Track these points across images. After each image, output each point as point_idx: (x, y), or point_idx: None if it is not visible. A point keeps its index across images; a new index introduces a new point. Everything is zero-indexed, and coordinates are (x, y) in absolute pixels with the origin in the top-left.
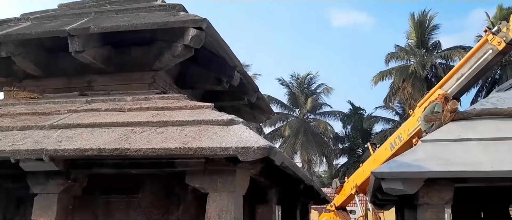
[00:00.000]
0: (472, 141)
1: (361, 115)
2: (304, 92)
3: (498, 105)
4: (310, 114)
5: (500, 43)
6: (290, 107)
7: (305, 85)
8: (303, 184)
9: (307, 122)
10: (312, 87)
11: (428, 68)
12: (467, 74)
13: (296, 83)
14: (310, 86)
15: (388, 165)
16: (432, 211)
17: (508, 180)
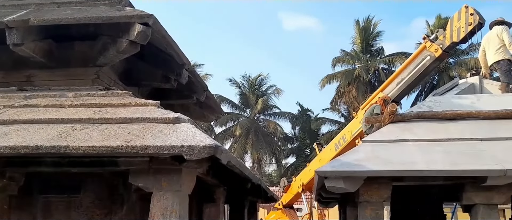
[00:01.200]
0: (409, 142)
1: (309, 116)
2: (255, 93)
3: (434, 108)
4: (261, 114)
5: (437, 50)
6: (241, 108)
7: (256, 86)
8: (250, 183)
9: (258, 122)
10: (263, 88)
11: (372, 73)
12: (407, 79)
13: (247, 84)
14: (261, 87)
15: (331, 164)
16: (371, 209)
17: (440, 179)
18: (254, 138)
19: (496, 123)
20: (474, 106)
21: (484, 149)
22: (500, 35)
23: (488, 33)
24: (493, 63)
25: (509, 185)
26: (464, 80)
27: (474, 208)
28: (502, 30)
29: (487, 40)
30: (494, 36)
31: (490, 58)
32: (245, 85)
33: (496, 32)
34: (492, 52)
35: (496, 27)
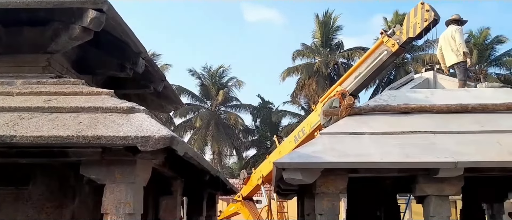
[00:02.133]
0: (365, 135)
1: (270, 109)
2: (216, 85)
3: (389, 102)
4: (221, 106)
5: (394, 45)
6: (202, 99)
7: (217, 78)
8: (209, 175)
9: (218, 114)
10: (224, 79)
11: (331, 67)
12: (364, 73)
13: (208, 75)
14: (222, 79)
15: (289, 156)
16: (328, 200)
17: (394, 171)
18: (214, 130)
19: (448, 117)
20: (428, 101)
21: (436, 142)
22: (453, 36)
23: (445, 31)
24: (453, 64)
25: (460, 177)
26: (419, 75)
27: (426, 199)
28: (455, 31)
29: (444, 39)
30: (449, 37)
31: (448, 59)
32: (206, 77)
33: (450, 33)
34: (449, 53)
35: (451, 26)
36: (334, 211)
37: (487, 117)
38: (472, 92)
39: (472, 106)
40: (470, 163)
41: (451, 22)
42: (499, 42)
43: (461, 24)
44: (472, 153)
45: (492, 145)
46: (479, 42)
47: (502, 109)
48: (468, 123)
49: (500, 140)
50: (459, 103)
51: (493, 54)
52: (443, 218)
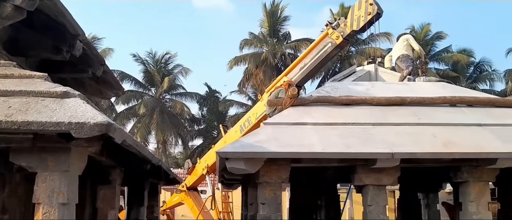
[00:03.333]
0: (308, 125)
1: (217, 98)
2: (161, 71)
3: (332, 93)
4: (167, 94)
5: (338, 37)
6: (146, 86)
7: (162, 64)
8: (150, 164)
9: (163, 101)
10: (169, 66)
11: (279, 57)
12: (309, 64)
13: (153, 61)
14: (167, 66)
15: (232, 146)
16: (270, 189)
17: (335, 161)
18: (159, 118)
19: (387, 109)
20: (368, 93)
21: (375, 133)
22: (406, 40)
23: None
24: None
25: (396, 167)
26: (361, 68)
27: (364, 189)
28: (408, 37)
29: (395, 47)
30: (401, 41)
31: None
32: (151, 63)
33: (402, 40)
34: (397, 53)
35: (403, 36)
36: (277, 200)
37: (423, 110)
38: (411, 85)
39: (410, 99)
40: (406, 154)
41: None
42: (439, 38)
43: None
44: (408, 145)
45: (427, 137)
46: (421, 37)
47: (438, 103)
48: (405, 115)
49: (435, 132)
50: (398, 96)
51: (433, 49)
52: (380, 207)
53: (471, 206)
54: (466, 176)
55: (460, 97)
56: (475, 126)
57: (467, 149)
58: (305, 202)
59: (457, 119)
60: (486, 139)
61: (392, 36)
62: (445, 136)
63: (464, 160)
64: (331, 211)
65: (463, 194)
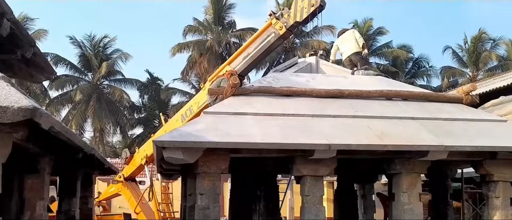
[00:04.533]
0: (248, 115)
1: (159, 86)
2: (99, 56)
3: (273, 84)
4: (105, 80)
5: (282, 28)
6: (82, 71)
7: (101, 48)
8: (82, 152)
9: (101, 88)
10: (108, 51)
11: (223, 46)
12: (253, 54)
13: (90, 45)
14: (106, 50)
15: (170, 135)
16: (209, 179)
17: (274, 151)
18: (96, 105)
19: (326, 101)
20: (309, 85)
21: (313, 124)
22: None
23: (341, 37)
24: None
25: (333, 158)
26: (303, 60)
27: (302, 179)
28: (353, 31)
29: (342, 40)
30: (349, 35)
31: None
32: (88, 46)
33: (348, 33)
34: (348, 46)
35: (349, 30)
36: (215, 190)
37: (360, 103)
38: (349, 78)
39: (348, 92)
40: (342, 146)
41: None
42: (380, 33)
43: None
44: (344, 136)
45: (363, 129)
46: (363, 32)
47: (374, 96)
48: (343, 107)
49: (371, 125)
50: (336, 88)
51: (375, 44)
52: (316, 197)
53: (404, 197)
54: (399, 168)
55: (396, 91)
56: (409, 119)
57: (400, 141)
58: (245, 192)
59: (392, 112)
60: (418, 132)
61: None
62: (380, 128)
63: (398, 152)
64: (270, 201)
65: (396, 185)
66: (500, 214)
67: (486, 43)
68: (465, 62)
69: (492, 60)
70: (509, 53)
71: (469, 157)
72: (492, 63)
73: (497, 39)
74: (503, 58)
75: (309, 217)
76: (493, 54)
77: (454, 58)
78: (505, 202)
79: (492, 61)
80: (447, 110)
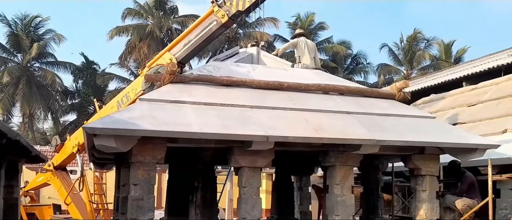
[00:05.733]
0: (187, 104)
1: (94, 70)
2: (30, 36)
3: (213, 73)
4: (35, 62)
5: (224, 16)
6: (10, 51)
7: (32, 28)
8: (5, 138)
9: (31, 70)
10: (39, 31)
11: (165, 31)
12: (194, 41)
13: (21, 24)
14: (37, 30)
15: (101, 121)
16: (144, 169)
17: (212, 142)
18: (25, 88)
19: (266, 93)
20: (249, 75)
21: (252, 115)
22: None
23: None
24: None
25: (271, 150)
26: (244, 50)
27: (240, 170)
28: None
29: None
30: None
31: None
32: (18, 25)
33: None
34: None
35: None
36: (150, 181)
37: (299, 95)
38: (289, 71)
39: (287, 84)
40: (280, 137)
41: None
42: (322, 28)
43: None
44: (282, 128)
45: (300, 122)
46: (305, 26)
47: (313, 89)
48: (282, 99)
49: (308, 118)
50: (276, 80)
51: (316, 39)
52: (254, 188)
53: (337, 189)
54: (333, 160)
55: (333, 86)
56: (344, 114)
57: (335, 134)
58: (182, 183)
59: (329, 106)
60: (352, 126)
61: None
62: (317, 121)
63: (332, 145)
64: (208, 192)
65: (330, 177)
66: (426, 207)
67: (420, 43)
68: (400, 61)
69: (425, 59)
70: (441, 54)
71: (399, 152)
72: (425, 62)
73: (431, 39)
74: (436, 58)
75: (245, 208)
76: (427, 54)
77: (390, 56)
78: (431, 195)
79: (425, 61)
80: (380, 105)
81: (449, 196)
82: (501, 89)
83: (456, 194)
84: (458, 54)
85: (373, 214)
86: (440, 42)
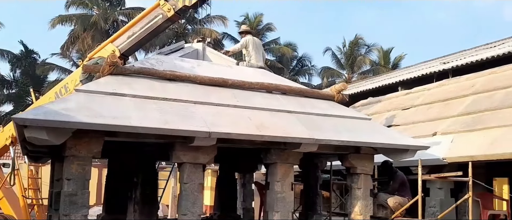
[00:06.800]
0: (127, 97)
1: (34, 59)
2: None
3: (156, 67)
4: None
5: (170, 10)
6: None
7: None
8: None
9: None
10: None
11: (110, 23)
12: (138, 34)
13: None
14: None
15: (33, 112)
16: (78, 164)
17: (153, 137)
18: None
19: (210, 89)
20: (193, 71)
21: (195, 111)
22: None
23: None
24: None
25: (213, 146)
26: (190, 45)
27: (182, 166)
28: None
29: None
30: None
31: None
32: None
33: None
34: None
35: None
36: (85, 176)
37: (243, 93)
38: (234, 69)
39: (232, 81)
40: (223, 134)
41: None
42: (269, 29)
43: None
44: (225, 125)
45: (243, 119)
46: (253, 26)
47: (256, 88)
48: (226, 96)
49: (251, 115)
50: (221, 77)
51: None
52: (195, 184)
53: (277, 186)
54: (275, 158)
55: (276, 85)
56: (286, 113)
57: (276, 133)
58: (121, 179)
59: (271, 105)
60: (293, 125)
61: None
62: (259, 119)
63: (274, 143)
64: (148, 189)
65: (271, 175)
66: (361, 204)
67: (361, 48)
68: (342, 64)
69: (366, 64)
70: (380, 59)
71: (336, 151)
72: (365, 67)
73: (371, 45)
74: (375, 63)
75: (186, 205)
76: (367, 59)
77: (333, 60)
78: (366, 192)
79: (365, 65)
80: (320, 106)
81: (382, 194)
82: (433, 94)
83: (388, 192)
84: (395, 60)
85: (312, 210)
86: (379, 48)
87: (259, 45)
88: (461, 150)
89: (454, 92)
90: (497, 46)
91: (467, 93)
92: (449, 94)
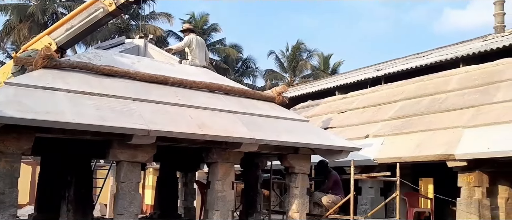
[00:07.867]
0: (60, 91)
1: None
2: None
3: (94, 61)
4: None
5: (111, 4)
6: None
7: None
8: None
9: None
10: None
11: (49, 15)
12: (77, 27)
13: None
14: None
15: None
16: (6, 161)
17: (88, 133)
18: None
19: (150, 86)
20: (133, 67)
21: (134, 108)
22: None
23: (196, 36)
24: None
25: (152, 145)
26: (130, 41)
27: (119, 165)
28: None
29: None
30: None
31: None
32: None
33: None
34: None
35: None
36: (14, 173)
37: (184, 92)
38: (176, 67)
39: (173, 79)
40: (163, 132)
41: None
42: (214, 30)
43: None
44: (165, 123)
45: (184, 118)
46: (199, 26)
47: (199, 87)
48: (167, 94)
49: (192, 114)
50: (162, 74)
51: (209, 40)
52: (132, 183)
53: (218, 185)
54: (216, 157)
55: (218, 85)
56: (228, 112)
57: (217, 132)
58: (54, 177)
59: (213, 104)
60: (234, 125)
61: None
62: (201, 118)
63: (215, 142)
64: (82, 187)
65: (212, 174)
66: (298, 202)
67: (303, 53)
68: (285, 68)
69: (307, 68)
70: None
71: (276, 151)
72: (306, 71)
73: (312, 51)
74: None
75: (122, 204)
76: (308, 64)
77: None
78: (303, 191)
79: (307, 70)
80: (261, 107)
81: (317, 193)
82: (366, 99)
83: (323, 191)
84: (334, 66)
85: (252, 209)
86: (320, 54)
87: (203, 44)
88: (390, 152)
89: (386, 97)
90: (425, 56)
91: (397, 99)
92: (381, 100)
